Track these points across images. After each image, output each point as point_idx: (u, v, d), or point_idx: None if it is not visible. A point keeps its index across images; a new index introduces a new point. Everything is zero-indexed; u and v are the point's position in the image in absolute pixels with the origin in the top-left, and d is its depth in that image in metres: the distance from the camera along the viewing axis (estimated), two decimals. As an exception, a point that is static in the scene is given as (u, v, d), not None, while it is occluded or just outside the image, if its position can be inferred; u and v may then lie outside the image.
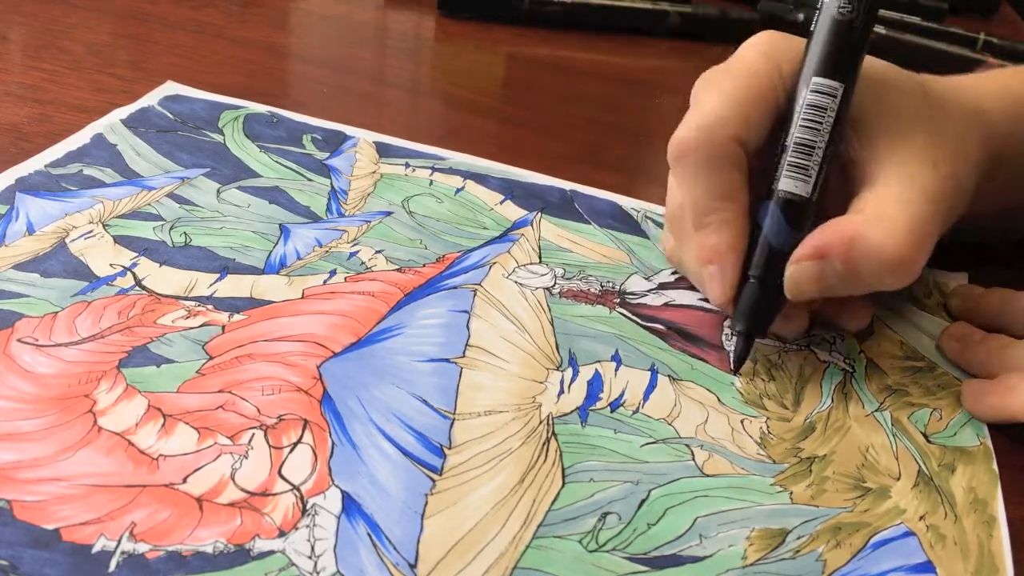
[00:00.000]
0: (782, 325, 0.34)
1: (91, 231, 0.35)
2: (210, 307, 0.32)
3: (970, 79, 0.38)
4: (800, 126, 0.32)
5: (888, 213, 0.31)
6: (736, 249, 0.32)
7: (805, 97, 0.32)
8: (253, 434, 0.28)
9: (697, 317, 0.36)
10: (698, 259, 0.33)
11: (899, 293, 0.39)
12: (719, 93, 0.33)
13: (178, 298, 0.33)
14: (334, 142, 0.44)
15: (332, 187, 0.41)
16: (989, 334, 0.35)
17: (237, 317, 0.32)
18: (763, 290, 0.32)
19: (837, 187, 0.33)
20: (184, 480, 0.26)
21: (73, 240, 0.35)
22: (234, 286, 0.34)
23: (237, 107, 0.46)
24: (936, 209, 0.31)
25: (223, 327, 0.32)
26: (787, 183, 0.32)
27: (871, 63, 0.34)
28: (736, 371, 0.33)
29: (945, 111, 0.34)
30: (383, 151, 0.44)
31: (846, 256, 0.30)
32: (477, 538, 0.25)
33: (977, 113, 0.35)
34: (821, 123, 0.32)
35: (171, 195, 0.38)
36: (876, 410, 0.32)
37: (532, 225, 0.40)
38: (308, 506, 0.26)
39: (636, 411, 0.31)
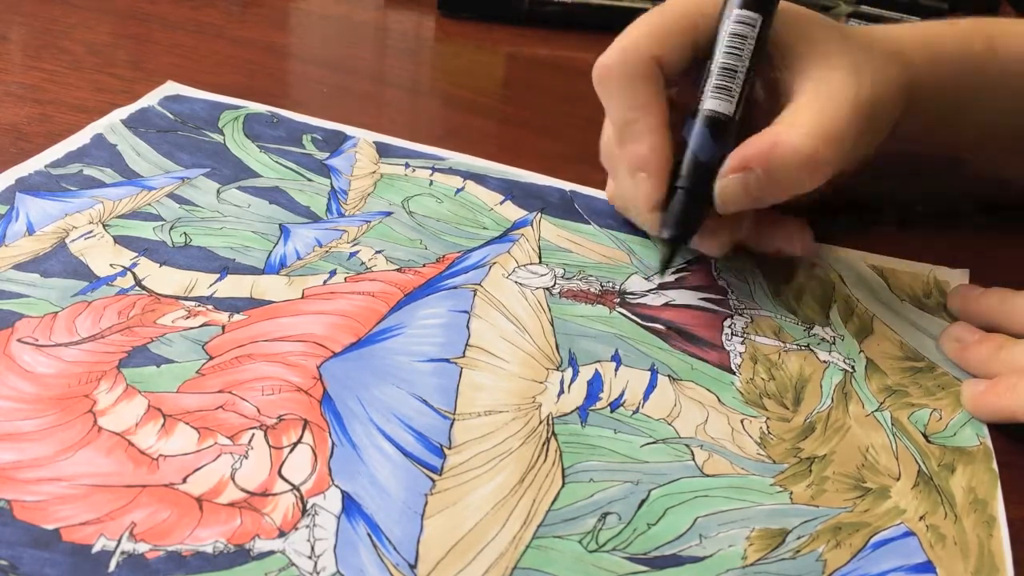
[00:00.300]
0: (706, 243, 0.37)
1: (91, 231, 0.35)
2: (210, 307, 0.32)
3: (891, 27, 0.41)
4: (724, 52, 0.35)
5: (802, 117, 0.34)
6: (658, 152, 0.35)
7: (728, 27, 0.35)
8: (253, 434, 0.28)
9: (697, 317, 0.36)
10: (628, 170, 0.35)
11: (899, 293, 0.39)
12: (640, 23, 0.36)
13: (178, 298, 0.33)
14: (334, 142, 0.44)
15: (332, 187, 0.41)
16: (988, 334, 0.35)
17: (237, 317, 0.32)
18: (690, 199, 0.35)
19: (766, 109, 0.36)
20: (184, 480, 0.26)
21: (73, 240, 0.35)
22: (234, 286, 0.34)
23: (237, 107, 0.46)
24: (852, 112, 0.34)
25: (223, 327, 0.32)
26: (712, 103, 0.35)
27: (793, 6, 0.37)
28: (662, 272, 0.37)
29: (865, 46, 0.36)
30: (383, 151, 0.44)
31: (765, 163, 0.33)
32: (477, 538, 0.25)
33: (897, 54, 0.37)
34: (743, 49, 0.35)
35: (171, 195, 0.38)
36: (876, 410, 0.32)
37: (532, 225, 0.40)
38: (308, 506, 0.26)
39: (636, 411, 0.31)
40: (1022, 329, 0.35)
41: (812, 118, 0.33)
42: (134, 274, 0.34)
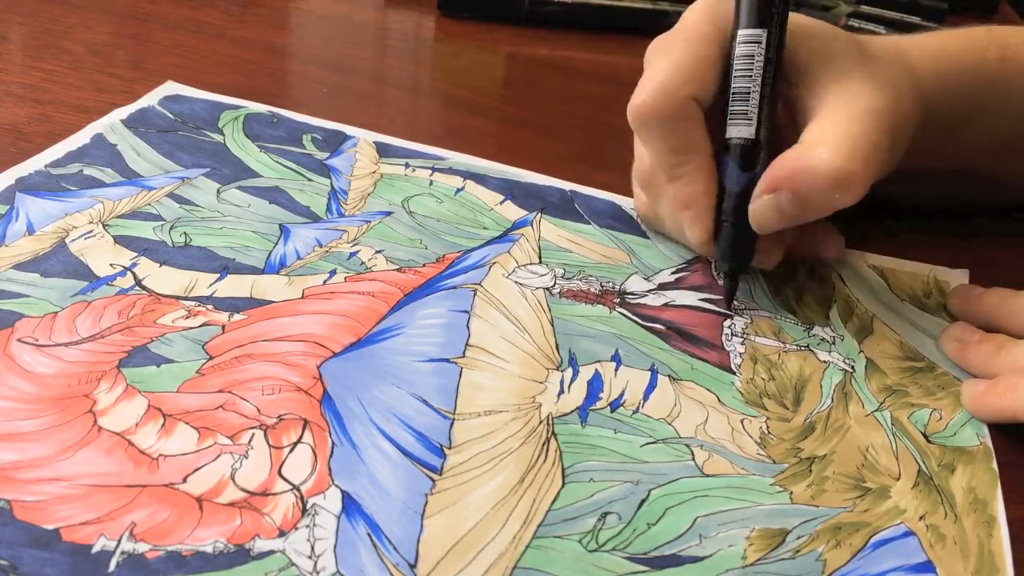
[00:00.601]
0: (760, 259, 0.37)
1: (91, 231, 0.35)
2: (210, 307, 0.32)
3: (904, 39, 0.40)
4: (735, 76, 0.35)
5: (824, 137, 0.33)
6: (708, 194, 0.35)
7: (736, 49, 0.35)
8: (253, 434, 0.28)
9: (697, 317, 0.36)
10: (675, 208, 0.36)
11: (899, 293, 0.39)
12: (670, 58, 0.35)
13: (178, 298, 0.33)
14: (334, 142, 0.44)
15: (332, 187, 0.41)
16: (988, 334, 0.35)
17: (237, 317, 0.32)
18: (736, 231, 0.35)
19: (789, 129, 0.35)
20: (184, 480, 0.26)
21: (73, 240, 0.35)
22: (234, 286, 0.34)
23: (237, 107, 0.46)
24: (877, 124, 0.33)
25: (223, 327, 0.32)
26: (732, 130, 0.35)
27: (806, 21, 0.36)
28: (728, 308, 0.36)
29: (879, 60, 0.36)
30: (383, 151, 0.44)
31: (792, 185, 0.33)
32: (477, 538, 0.25)
33: (909, 68, 0.37)
34: (752, 69, 0.34)
35: (171, 195, 0.38)
36: (876, 410, 0.32)
37: (532, 225, 0.40)
38: (308, 506, 0.26)
39: (636, 411, 0.31)
40: (1022, 329, 0.35)
41: (837, 135, 0.33)
42: (134, 274, 0.34)
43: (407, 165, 0.43)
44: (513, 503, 0.27)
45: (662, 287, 0.37)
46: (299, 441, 0.28)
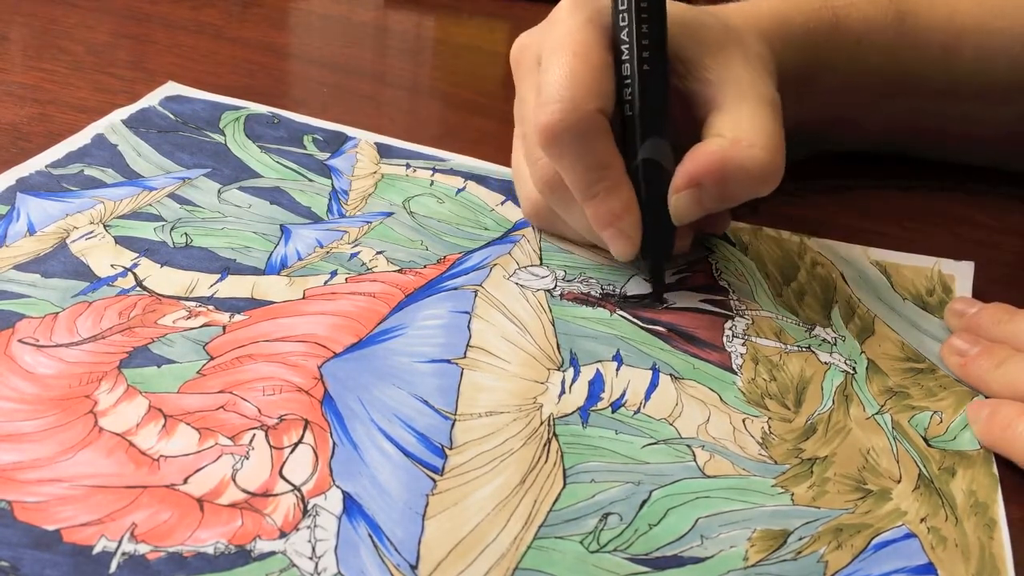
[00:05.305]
0: (678, 244, 0.37)
1: (92, 231, 0.35)
2: (211, 307, 0.32)
3: (743, 7, 0.41)
4: (635, 61, 0.34)
5: (744, 132, 0.33)
6: (631, 209, 0.34)
7: (626, 36, 0.34)
8: (254, 435, 0.28)
9: (698, 319, 0.36)
10: (596, 225, 0.35)
11: (901, 292, 0.39)
12: (565, 71, 0.33)
13: (179, 299, 0.33)
14: (335, 142, 0.44)
15: (333, 188, 0.41)
16: (989, 345, 0.34)
17: (238, 317, 0.32)
18: (659, 222, 0.35)
19: (684, 119, 0.35)
20: (185, 481, 0.26)
21: (74, 240, 0.35)
22: (235, 286, 0.34)
23: (238, 107, 0.46)
24: (778, 114, 0.34)
25: (224, 327, 0.32)
26: (649, 121, 0.34)
27: (674, 8, 0.36)
28: (660, 299, 0.36)
29: (743, 34, 0.37)
30: (384, 152, 0.44)
31: (718, 180, 0.33)
32: (478, 539, 0.25)
33: (763, 38, 0.38)
34: (650, 54, 0.34)
35: (172, 195, 0.38)
36: (876, 413, 0.32)
37: (533, 226, 0.40)
38: (309, 507, 0.26)
39: (637, 411, 0.31)
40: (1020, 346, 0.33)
41: (753, 130, 0.33)
42: (135, 274, 0.33)
43: (408, 166, 0.43)
44: (514, 504, 0.27)
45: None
46: (300, 442, 0.28)
